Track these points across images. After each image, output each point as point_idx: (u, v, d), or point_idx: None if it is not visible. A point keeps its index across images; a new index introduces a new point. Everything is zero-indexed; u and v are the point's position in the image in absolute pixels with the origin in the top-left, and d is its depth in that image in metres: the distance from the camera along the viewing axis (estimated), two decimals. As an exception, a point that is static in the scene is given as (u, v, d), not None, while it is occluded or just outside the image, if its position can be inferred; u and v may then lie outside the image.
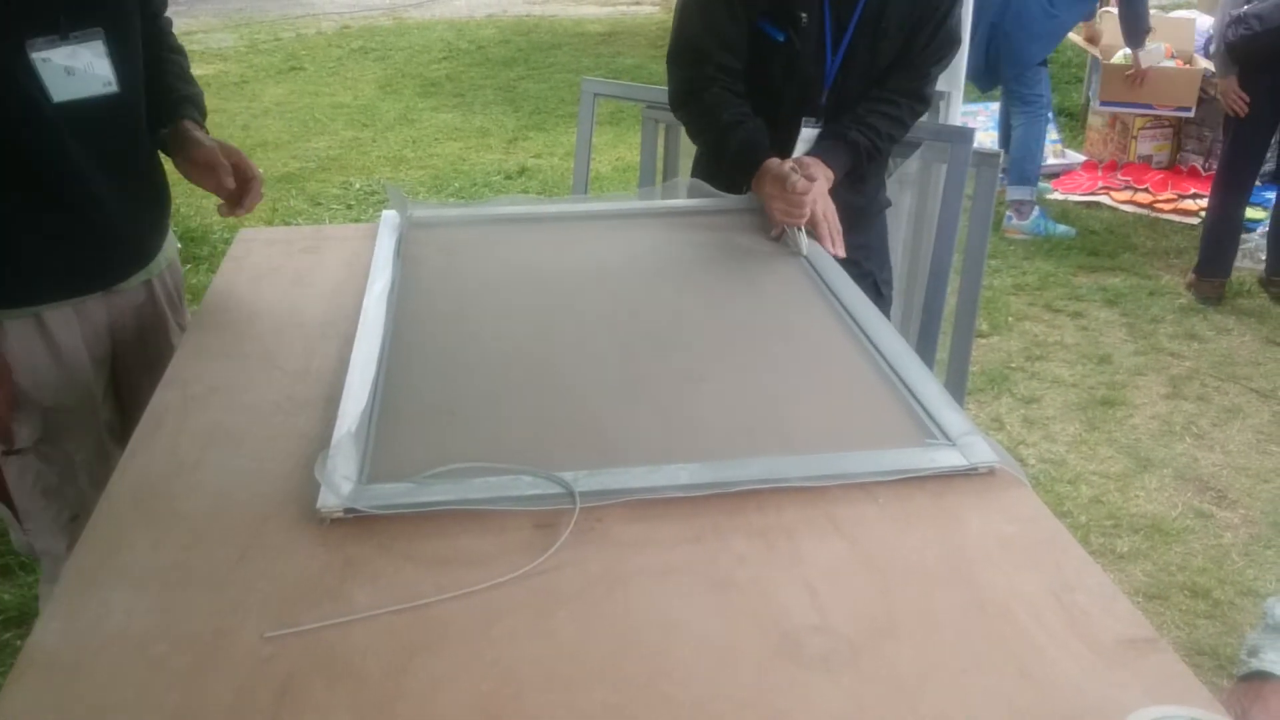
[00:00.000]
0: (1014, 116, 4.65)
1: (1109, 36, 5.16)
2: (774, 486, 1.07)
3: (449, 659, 0.87)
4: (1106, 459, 2.95)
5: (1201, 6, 5.68)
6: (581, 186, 2.81)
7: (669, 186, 2.04)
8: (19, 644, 0.88)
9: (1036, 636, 0.89)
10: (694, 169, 2.08)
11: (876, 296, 1.95)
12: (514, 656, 0.87)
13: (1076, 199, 5.03)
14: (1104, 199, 5.01)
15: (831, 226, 1.74)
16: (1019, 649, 0.87)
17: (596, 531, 1.02)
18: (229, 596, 0.94)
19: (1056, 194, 5.09)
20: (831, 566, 0.97)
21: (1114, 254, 4.38)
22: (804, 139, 1.88)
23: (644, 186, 2.63)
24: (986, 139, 5.07)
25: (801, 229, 1.71)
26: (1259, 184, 4.57)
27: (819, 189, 1.75)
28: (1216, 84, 3.95)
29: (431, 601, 0.93)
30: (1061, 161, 5.37)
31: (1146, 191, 4.99)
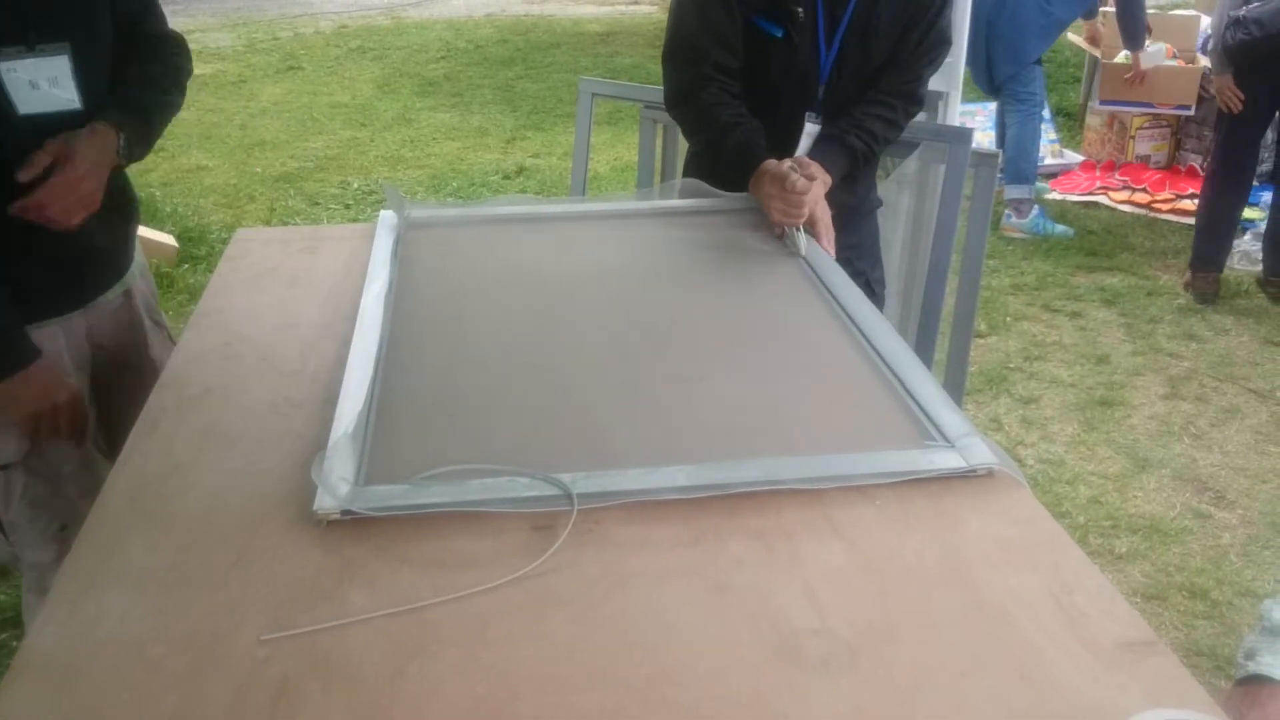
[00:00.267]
0: (1008, 115, 4.66)
1: (1111, 37, 5.15)
2: (772, 488, 1.06)
3: (445, 662, 0.86)
4: (1105, 459, 2.95)
5: (1200, 6, 5.68)
6: (579, 186, 2.81)
7: (666, 188, 2.04)
8: (15, 645, 0.87)
9: (1035, 639, 0.88)
10: (686, 167, 2.08)
11: (869, 295, 1.95)
12: (511, 659, 0.86)
13: (1074, 199, 5.03)
14: (1102, 199, 5.01)
15: (825, 229, 1.74)
16: (1018, 651, 0.87)
17: (594, 533, 1.02)
18: (225, 598, 0.94)
19: (1054, 194, 5.09)
20: (830, 568, 0.97)
21: (1112, 254, 4.38)
22: (808, 133, 1.87)
23: (642, 186, 2.63)
24: (985, 139, 5.07)
25: (800, 229, 1.71)
26: (1256, 184, 4.58)
27: (816, 191, 1.75)
28: (1213, 80, 3.96)
29: (428, 604, 0.92)
30: (1059, 161, 5.37)
31: (1144, 191, 4.99)
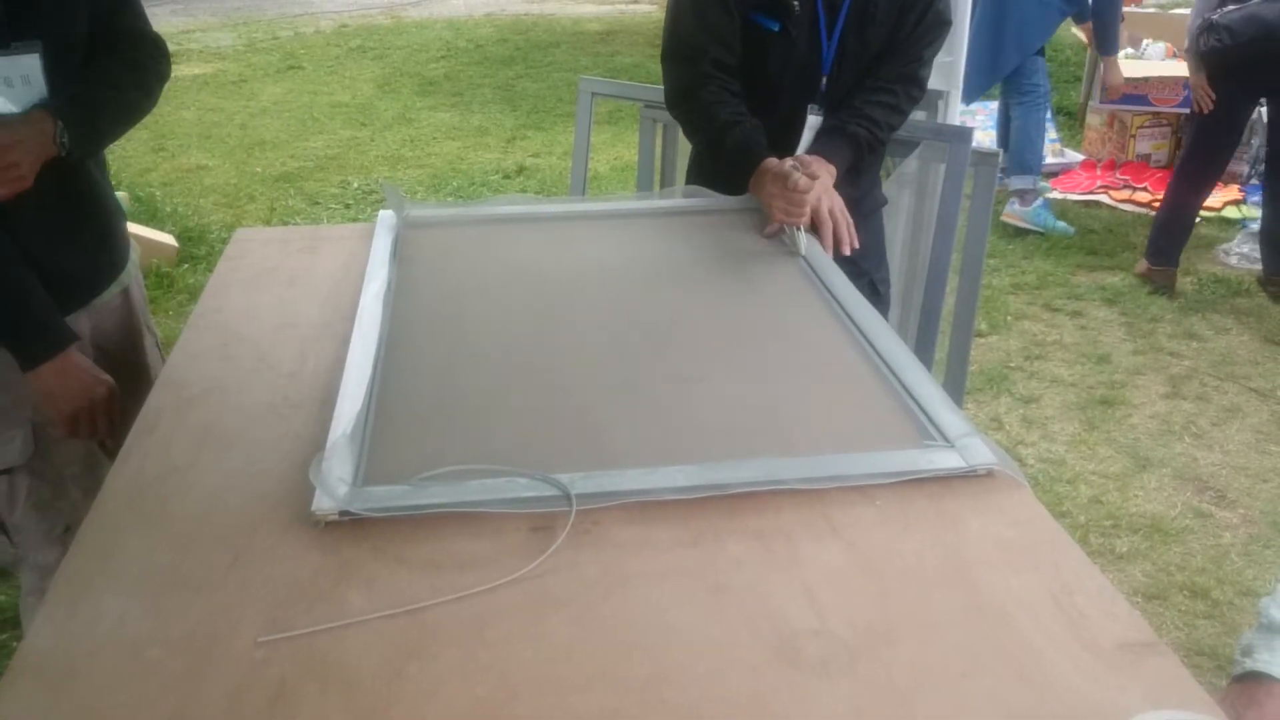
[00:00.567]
0: (1012, 108, 4.65)
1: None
2: (771, 489, 1.06)
3: (444, 663, 0.86)
4: (1105, 459, 2.94)
5: (1199, 6, 5.67)
6: (579, 186, 2.80)
7: (666, 193, 2.04)
8: (14, 646, 0.87)
9: (1035, 639, 0.88)
10: (689, 170, 2.08)
11: (874, 296, 1.95)
12: (509, 661, 0.86)
13: (1075, 198, 5.02)
14: (1103, 198, 5.01)
15: (840, 225, 1.73)
16: (1017, 652, 0.87)
17: (593, 534, 1.01)
18: (223, 600, 0.93)
19: (1055, 193, 5.08)
20: (829, 569, 0.97)
21: (1113, 253, 4.38)
22: (810, 126, 1.87)
23: (642, 186, 2.63)
24: (985, 138, 5.07)
25: (801, 228, 1.70)
26: (1254, 183, 4.58)
27: (823, 185, 1.74)
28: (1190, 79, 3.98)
29: (426, 605, 0.92)
30: (1060, 160, 5.37)
31: (1145, 190, 4.98)
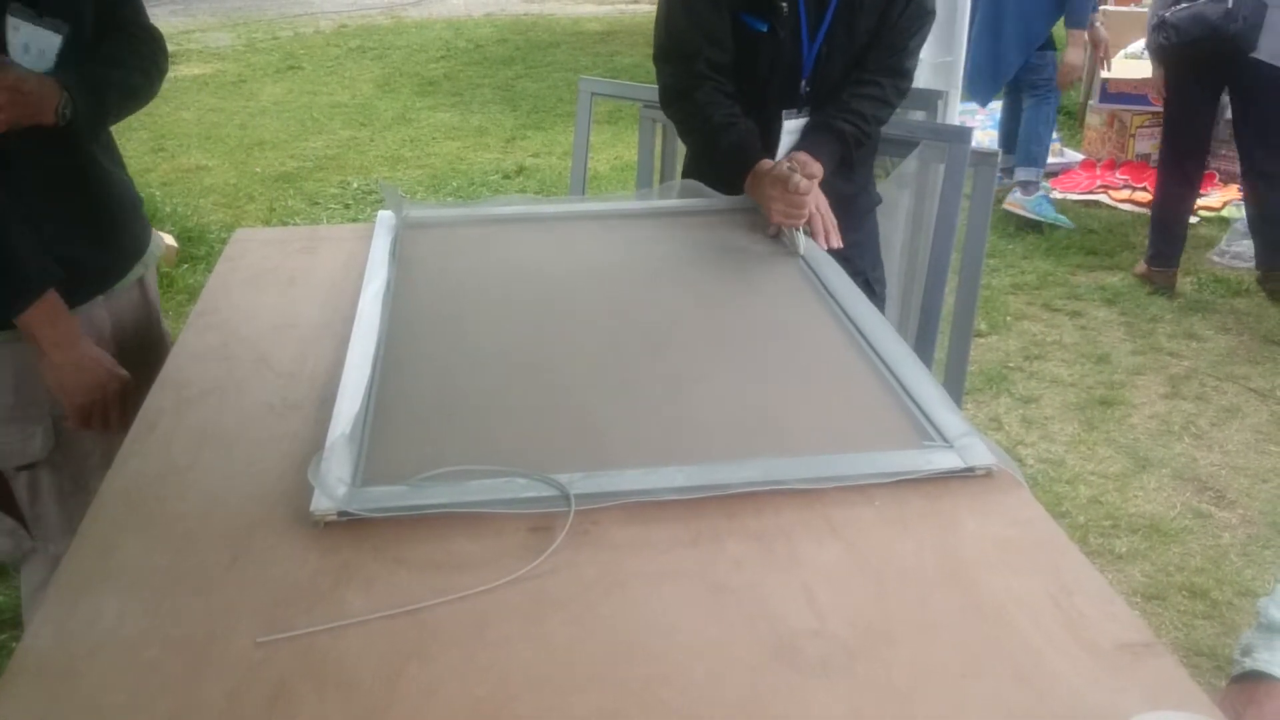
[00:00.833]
0: (1025, 100, 4.64)
1: (1116, 35, 5.14)
2: (770, 489, 1.06)
3: (442, 664, 0.86)
4: (1105, 459, 2.94)
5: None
6: (579, 186, 2.80)
7: (665, 188, 2.04)
8: (14, 645, 0.87)
9: (1034, 640, 0.88)
10: (685, 169, 2.08)
11: (869, 294, 1.94)
12: (508, 661, 0.86)
13: (1075, 198, 5.02)
14: (1102, 198, 5.01)
15: (826, 220, 1.74)
16: (1016, 653, 0.87)
17: (592, 534, 1.01)
18: (221, 600, 0.93)
19: (1055, 193, 5.08)
20: (828, 570, 0.97)
21: (1112, 253, 4.38)
22: (788, 130, 1.87)
23: (642, 186, 2.63)
24: (985, 138, 5.07)
25: (800, 229, 1.71)
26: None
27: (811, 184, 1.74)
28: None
29: (425, 606, 0.92)
30: (1060, 160, 5.37)
31: (1145, 190, 4.98)
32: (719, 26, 1.81)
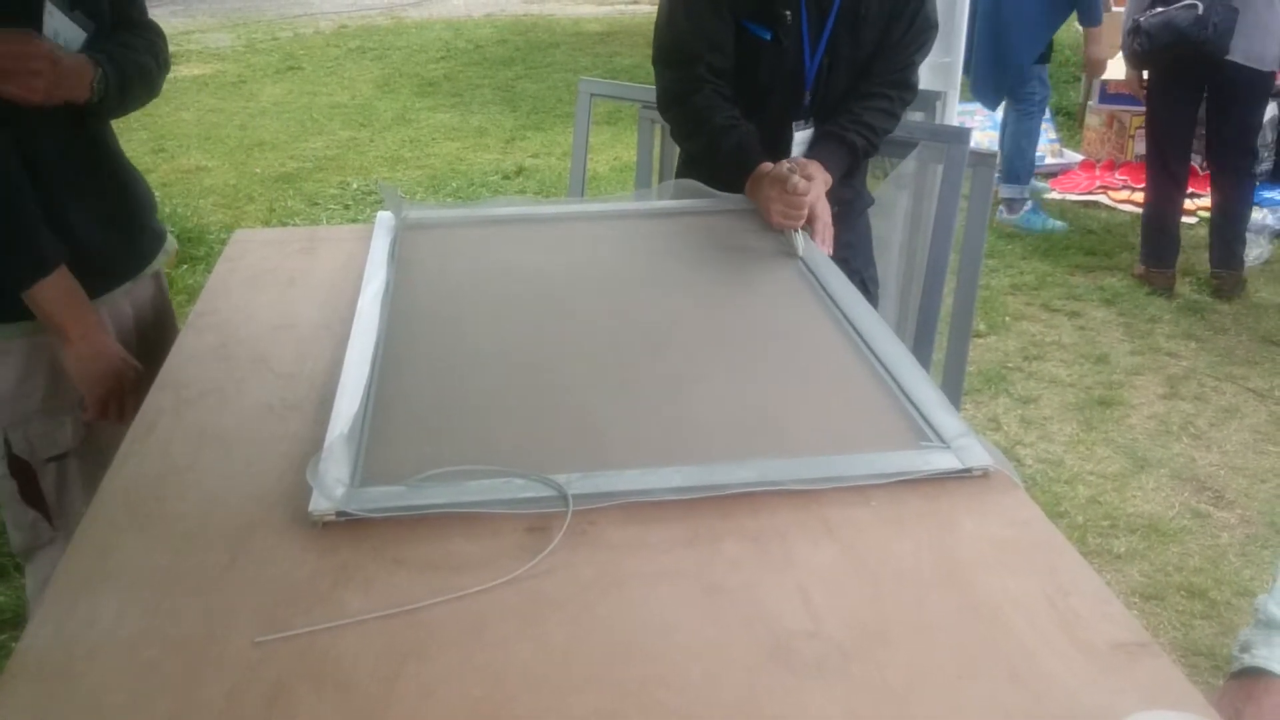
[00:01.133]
0: (1008, 114, 4.64)
1: (1111, 35, 5.13)
2: (767, 489, 1.06)
3: (440, 664, 0.86)
4: (1104, 459, 2.95)
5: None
6: (578, 187, 2.81)
7: (664, 188, 2.04)
8: (14, 645, 0.88)
9: (1030, 640, 0.88)
10: (680, 168, 2.08)
11: (864, 294, 1.95)
12: (505, 661, 0.86)
13: (1074, 198, 5.03)
14: (1102, 198, 5.01)
15: (824, 227, 1.74)
16: (1012, 654, 0.87)
17: (589, 535, 1.01)
18: (220, 601, 0.94)
19: (1054, 193, 5.09)
20: (824, 570, 0.97)
21: (1111, 253, 4.38)
22: (798, 142, 1.87)
23: (641, 187, 2.63)
24: (983, 139, 5.07)
25: (798, 230, 1.71)
26: (1263, 182, 4.59)
27: (817, 190, 1.75)
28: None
29: (423, 606, 0.92)
30: (1059, 161, 5.38)
31: (1144, 191, 4.98)
32: (720, 32, 1.81)
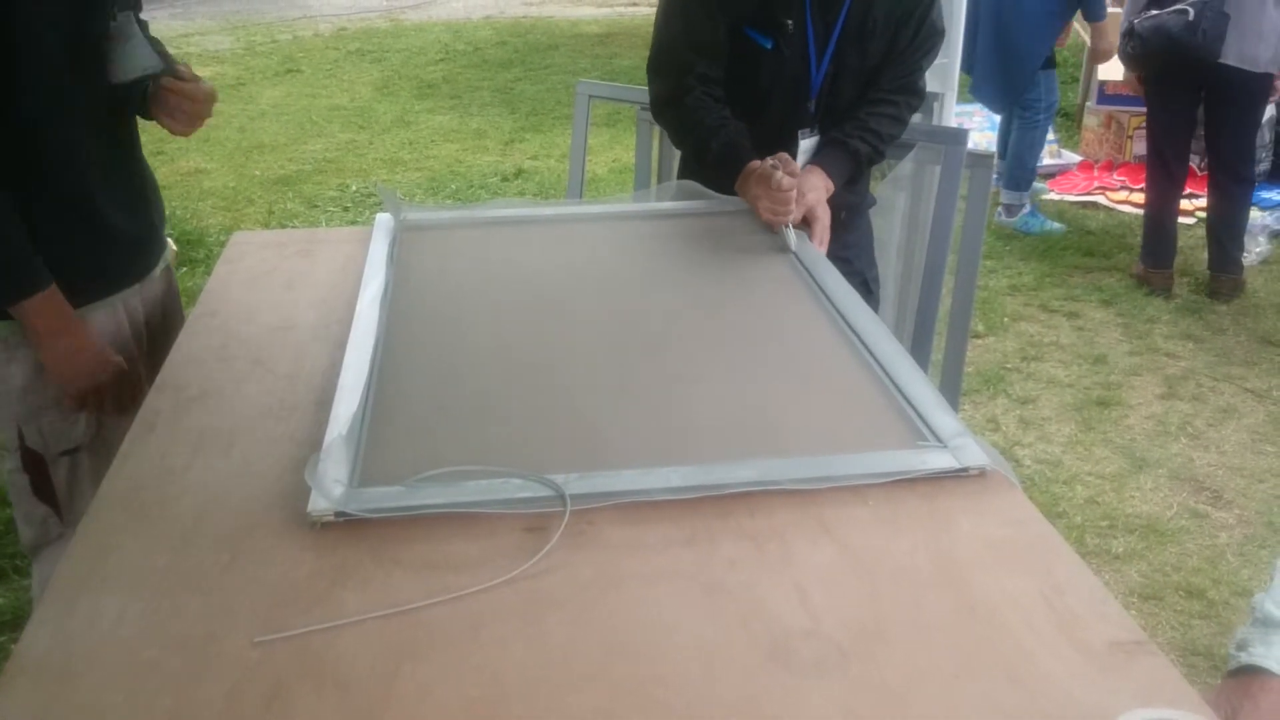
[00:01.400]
0: (1012, 121, 4.63)
1: (1111, 34, 5.13)
2: (765, 489, 1.07)
3: (438, 664, 0.87)
4: (1102, 459, 2.95)
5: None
6: (577, 189, 2.81)
7: (663, 189, 2.05)
8: (14, 648, 0.88)
9: (1026, 640, 0.89)
10: (681, 170, 2.09)
11: (865, 295, 1.95)
12: (503, 661, 0.87)
13: (1072, 199, 5.03)
14: (1100, 199, 5.02)
15: (822, 230, 1.75)
16: (1009, 653, 0.87)
17: (587, 535, 1.02)
18: (219, 601, 0.94)
19: (1052, 194, 5.09)
20: (822, 570, 0.97)
21: (1110, 254, 4.39)
22: (803, 150, 1.88)
23: (639, 188, 2.63)
24: (981, 139, 5.08)
25: (789, 226, 1.71)
26: (1261, 182, 4.59)
27: (816, 195, 1.76)
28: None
29: (421, 606, 0.92)
30: (1057, 162, 5.38)
31: (1142, 191, 4.99)
32: (713, 40, 1.81)
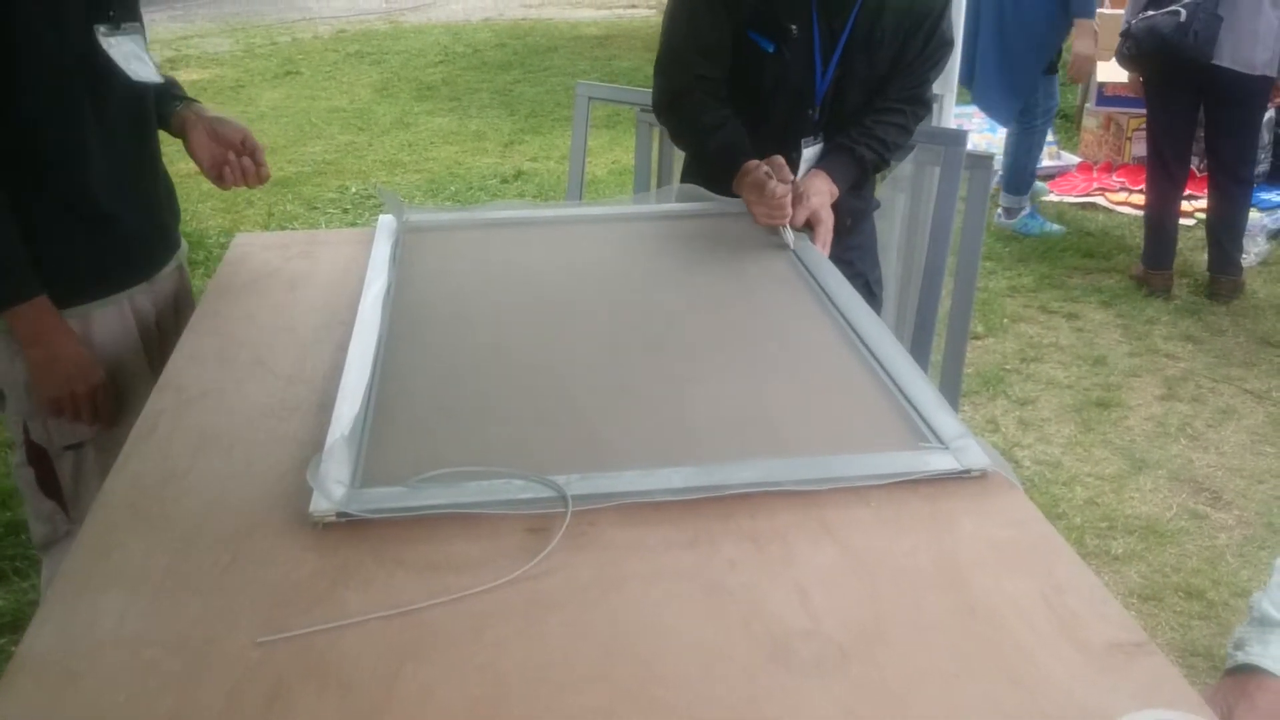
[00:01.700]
0: (1013, 125, 4.62)
1: (1109, 37, 5.15)
2: (766, 490, 1.07)
3: (439, 664, 0.87)
4: (1101, 460, 2.95)
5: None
6: (576, 191, 2.81)
7: (663, 192, 2.05)
8: (14, 650, 0.88)
9: (1026, 641, 0.89)
10: (684, 173, 2.09)
11: (869, 296, 1.96)
12: (504, 662, 0.87)
13: (1071, 200, 5.03)
14: (1099, 200, 5.02)
15: (825, 233, 1.75)
16: (1009, 653, 0.88)
17: (588, 535, 1.02)
18: (221, 601, 0.94)
19: (1052, 195, 5.09)
20: (823, 571, 0.97)
21: (1109, 255, 4.39)
22: (806, 158, 1.88)
23: (639, 190, 2.64)
24: (980, 141, 5.08)
25: (786, 226, 1.72)
26: (1261, 183, 4.59)
27: (821, 199, 1.76)
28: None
29: (422, 607, 0.93)
30: (1056, 163, 5.38)
31: (1141, 193, 4.99)
32: (718, 42, 1.81)
